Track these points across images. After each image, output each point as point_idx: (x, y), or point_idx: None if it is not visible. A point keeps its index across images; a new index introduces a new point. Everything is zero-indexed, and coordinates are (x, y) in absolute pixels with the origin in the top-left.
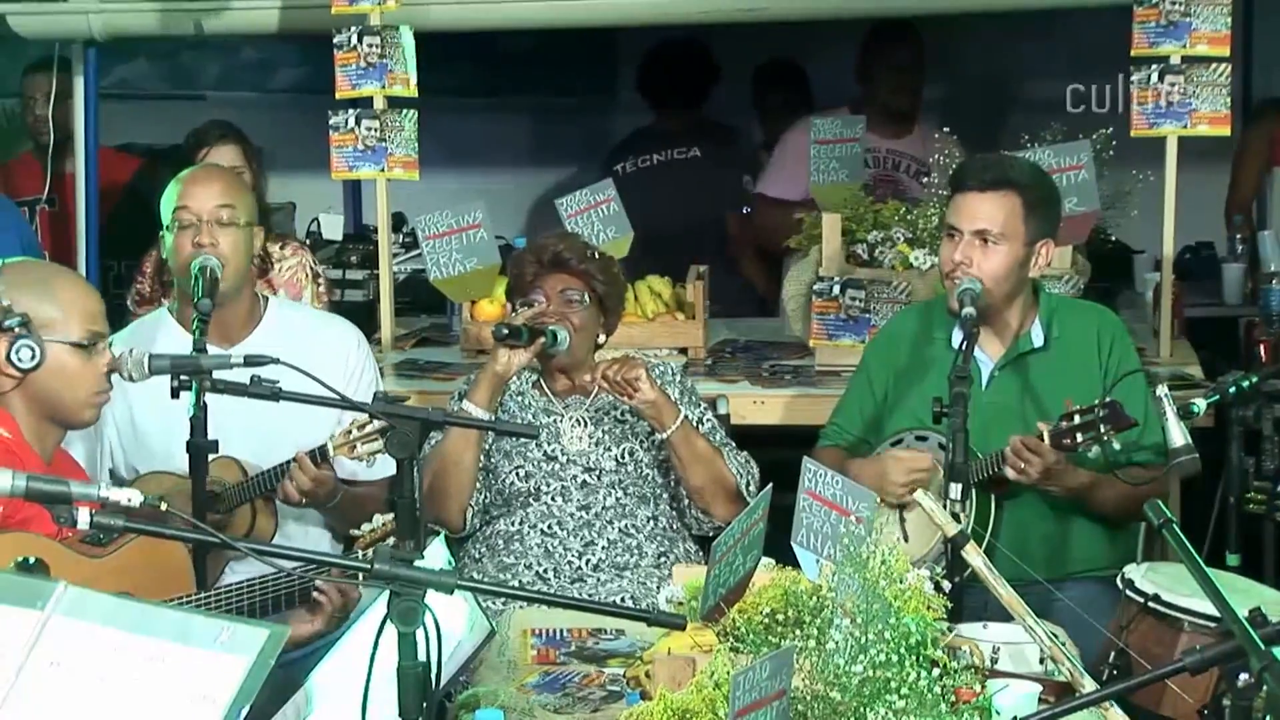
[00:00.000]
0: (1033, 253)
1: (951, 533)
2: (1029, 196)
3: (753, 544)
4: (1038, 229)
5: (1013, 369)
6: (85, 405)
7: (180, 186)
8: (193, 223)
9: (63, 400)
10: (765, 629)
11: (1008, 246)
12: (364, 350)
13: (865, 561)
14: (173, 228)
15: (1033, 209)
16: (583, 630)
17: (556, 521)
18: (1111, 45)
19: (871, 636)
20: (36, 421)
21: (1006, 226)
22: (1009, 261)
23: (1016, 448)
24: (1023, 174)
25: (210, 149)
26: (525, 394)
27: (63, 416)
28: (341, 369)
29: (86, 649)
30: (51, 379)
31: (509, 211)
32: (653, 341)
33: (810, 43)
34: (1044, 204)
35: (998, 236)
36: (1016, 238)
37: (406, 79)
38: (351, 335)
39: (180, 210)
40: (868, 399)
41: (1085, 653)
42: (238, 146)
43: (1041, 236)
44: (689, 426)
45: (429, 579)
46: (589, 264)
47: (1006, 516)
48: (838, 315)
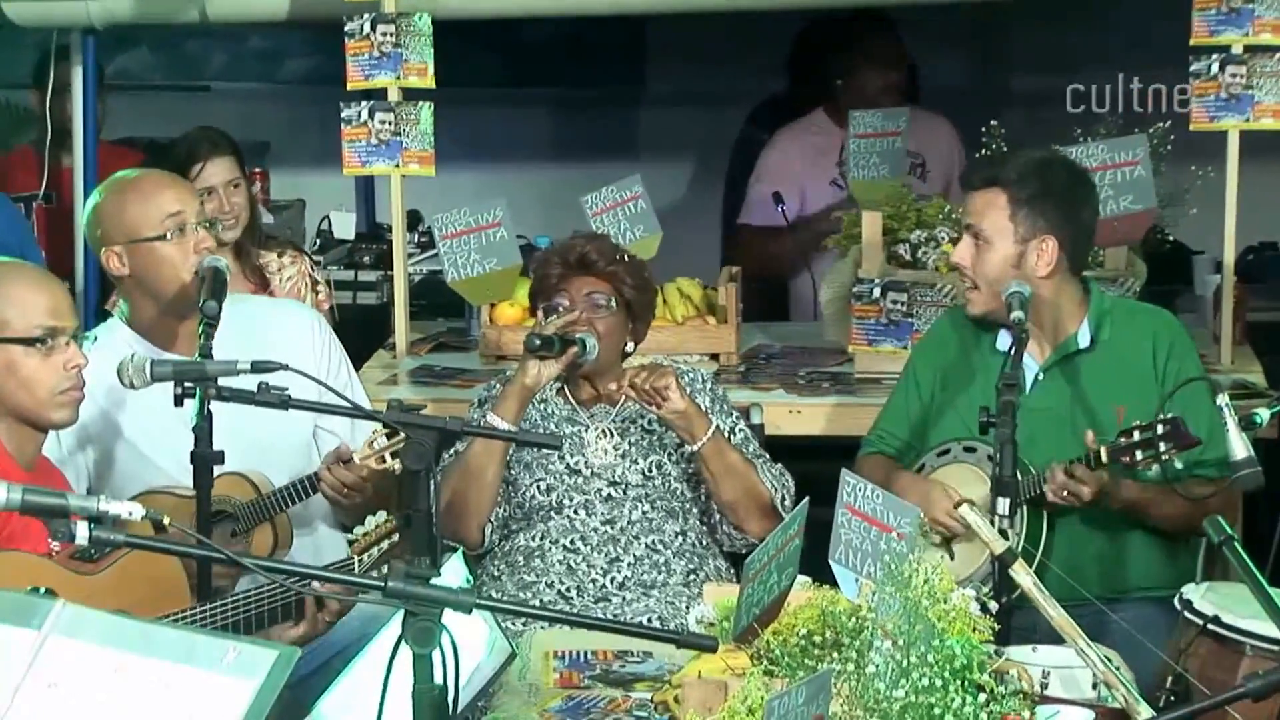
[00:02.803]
0: (1026, 250)
1: (999, 550)
2: (1017, 193)
3: (788, 561)
4: (1030, 226)
5: (1059, 372)
6: (50, 405)
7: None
8: (188, 223)
9: (27, 399)
10: (801, 651)
11: (998, 244)
12: (325, 329)
13: (907, 580)
14: (168, 236)
15: (1021, 205)
16: (608, 652)
17: (580, 537)
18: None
19: (914, 660)
20: (10, 426)
21: (994, 224)
22: (998, 260)
23: (1060, 481)
24: (1013, 170)
25: (204, 165)
26: (549, 401)
27: (35, 418)
28: (310, 354)
29: (85, 670)
30: (10, 378)
31: (531, 209)
32: (682, 347)
33: None
34: (1037, 200)
35: (987, 235)
36: (1005, 235)
37: (423, 69)
38: (307, 316)
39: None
40: (914, 403)
41: (1141, 677)
42: (233, 158)
43: (1036, 234)
44: (720, 438)
45: (446, 598)
46: (617, 266)
47: (1058, 533)
48: (878, 319)
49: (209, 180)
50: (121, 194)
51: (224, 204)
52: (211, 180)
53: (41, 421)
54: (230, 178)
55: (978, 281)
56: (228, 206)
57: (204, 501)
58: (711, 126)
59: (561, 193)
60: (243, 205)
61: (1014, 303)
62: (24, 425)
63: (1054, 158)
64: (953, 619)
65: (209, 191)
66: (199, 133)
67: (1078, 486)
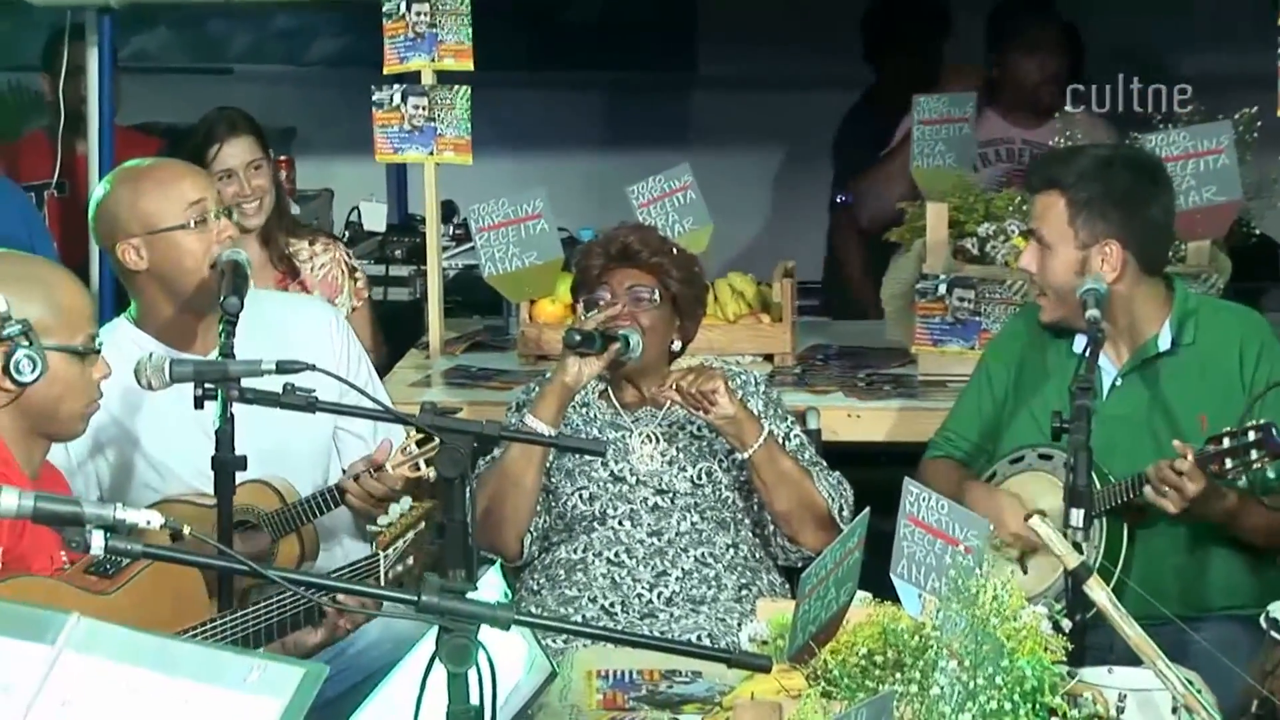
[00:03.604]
0: (1089, 255)
1: (1072, 565)
2: (1076, 196)
3: (847, 576)
4: (1091, 231)
5: (1138, 378)
6: (80, 417)
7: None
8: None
9: (58, 413)
10: (861, 672)
11: (1060, 249)
12: (344, 325)
13: (975, 596)
14: (190, 225)
15: (1080, 209)
16: (654, 672)
17: (625, 549)
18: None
19: (981, 681)
20: (23, 437)
21: (1054, 229)
22: (1062, 266)
23: (1163, 474)
24: (1072, 172)
25: (221, 145)
26: (590, 405)
27: (53, 430)
28: (329, 352)
29: (101, 688)
30: (49, 390)
31: (573, 200)
32: (734, 347)
33: None
34: (1097, 203)
35: (1048, 240)
36: (1066, 240)
37: (462, 49)
38: (325, 312)
39: (197, 203)
40: (987, 403)
41: (1224, 701)
42: (252, 138)
43: (1098, 239)
44: (773, 444)
45: (483, 613)
46: (662, 258)
47: (1137, 547)
48: (943, 318)
49: (227, 162)
50: (136, 183)
51: (244, 187)
52: (230, 162)
53: (62, 434)
54: (251, 159)
55: (1044, 288)
56: (248, 190)
57: (225, 510)
58: (768, 112)
59: (606, 182)
60: (265, 188)
61: (1089, 300)
62: (36, 436)
63: (1116, 155)
64: (1023, 638)
65: (228, 174)
66: (216, 113)
67: (1183, 482)
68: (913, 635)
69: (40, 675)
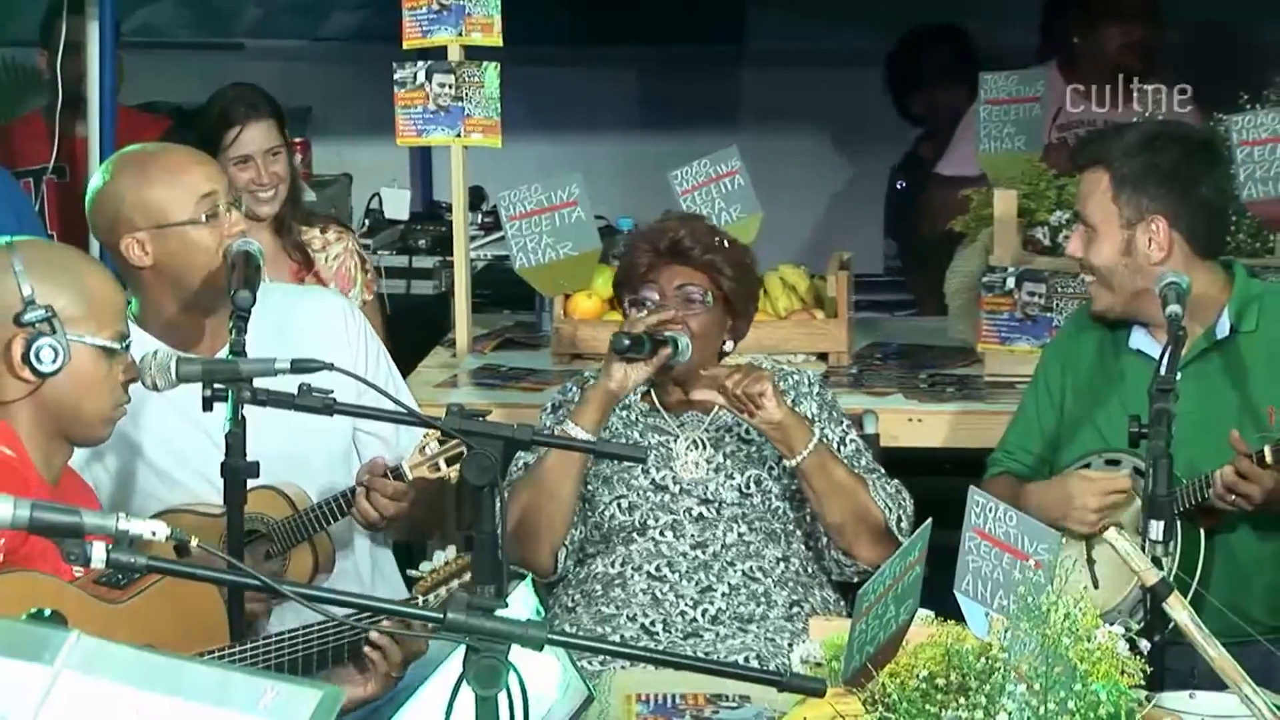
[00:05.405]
0: (1134, 235)
1: (1151, 581)
2: (1119, 172)
3: (907, 592)
4: (1135, 208)
5: (1198, 370)
6: (104, 420)
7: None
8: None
9: (80, 412)
10: (922, 696)
11: (1104, 231)
12: (359, 318)
13: (1045, 615)
14: (203, 219)
15: (1125, 185)
16: (699, 696)
17: (667, 563)
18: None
19: (1053, 707)
20: (44, 438)
21: (1098, 208)
22: (1108, 248)
23: (1230, 480)
24: (1117, 148)
25: (242, 129)
26: (632, 407)
27: (76, 432)
28: (345, 347)
29: (102, 710)
30: (71, 386)
31: (611, 186)
32: (786, 345)
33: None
34: (1141, 178)
35: (1093, 221)
36: (1110, 220)
37: (489, 24)
38: (338, 304)
39: (208, 196)
40: (1047, 413)
41: None
42: (273, 121)
43: (1143, 216)
44: (825, 451)
45: (514, 632)
46: (715, 255)
47: (1219, 559)
48: (1012, 314)
49: (246, 147)
50: (143, 172)
51: (261, 174)
52: (249, 148)
53: (85, 438)
54: (270, 145)
55: (1094, 274)
56: (265, 177)
57: (236, 520)
58: (819, 90)
59: (647, 167)
60: (282, 175)
61: (1170, 295)
62: (58, 439)
63: (1165, 130)
64: (1097, 660)
65: (245, 160)
66: (234, 91)
67: (1248, 487)
68: (978, 657)
69: (37, 698)
